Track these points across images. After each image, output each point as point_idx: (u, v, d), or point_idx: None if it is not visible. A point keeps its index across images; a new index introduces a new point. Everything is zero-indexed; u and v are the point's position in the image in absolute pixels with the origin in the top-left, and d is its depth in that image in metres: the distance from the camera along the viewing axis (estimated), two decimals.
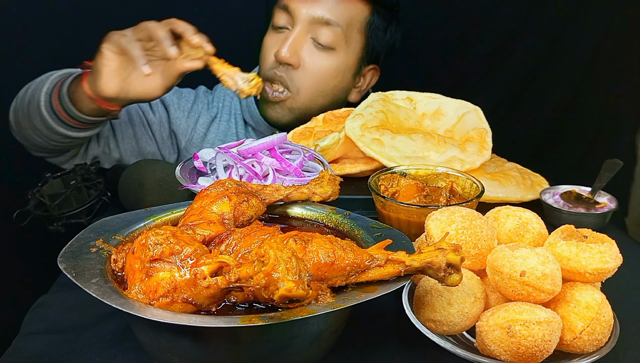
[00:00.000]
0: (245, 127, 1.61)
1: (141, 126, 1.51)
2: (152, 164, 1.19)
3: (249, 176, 1.06)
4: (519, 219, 0.84)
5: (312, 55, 1.43)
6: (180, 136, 1.56)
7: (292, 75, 1.44)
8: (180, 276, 0.63)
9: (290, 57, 1.41)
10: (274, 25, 1.47)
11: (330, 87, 1.48)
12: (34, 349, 0.80)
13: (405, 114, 1.36)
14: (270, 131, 1.54)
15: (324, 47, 1.43)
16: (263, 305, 0.65)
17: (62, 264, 0.69)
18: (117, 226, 0.80)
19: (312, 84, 1.45)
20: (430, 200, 1.06)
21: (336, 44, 1.44)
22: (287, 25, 1.45)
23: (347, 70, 1.50)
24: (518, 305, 0.72)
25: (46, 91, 1.27)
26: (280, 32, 1.46)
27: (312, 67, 1.44)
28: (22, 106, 1.32)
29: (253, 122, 1.57)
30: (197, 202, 0.81)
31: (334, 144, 1.26)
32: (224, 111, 1.60)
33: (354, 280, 0.68)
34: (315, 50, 1.43)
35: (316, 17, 1.41)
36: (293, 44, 1.41)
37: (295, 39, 1.42)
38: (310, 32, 1.43)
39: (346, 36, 1.45)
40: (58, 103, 1.24)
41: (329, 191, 0.94)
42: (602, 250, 0.75)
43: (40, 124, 1.28)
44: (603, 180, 1.22)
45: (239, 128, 1.60)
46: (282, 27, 1.46)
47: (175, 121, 1.55)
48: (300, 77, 1.44)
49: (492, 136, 1.30)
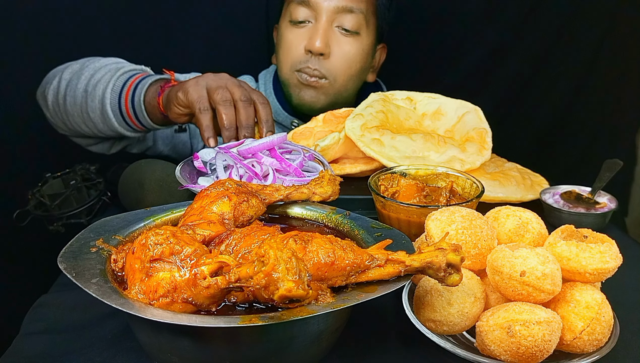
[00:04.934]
0: None
1: None
2: (152, 164, 1.19)
3: (249, 176, 1.06)
4: (519, 219, 0.84)
5: (341, 43, 1.49)
6: None
7: (325, 65, 1.49)
8: (180, 276, 0.63)
9: (325, 48, 1.46)
10: (293, 21, 1.50)
11: (359, 70, 1.55)
12: (34, 349, 0.80)
13: (405, 114, 1.37)
14: (289, 120, 1.59)
15: (350, 33, 1.49)
16: (263, 305, 0.65)
17: (62, 264, 0.68)
18: (117, 226, 0.80)
19: (345, 69, 1.51)
20: (430, 200, 1.06)
21: (360, 28, 1.51)
22: (309, 19, 1.49)
23: (369, 51, 1.57)
24: (518, 305, 0.72)
25: (114, 89, 1.25)
26: (302, 27, 1.50)
27: (343, 54, 1.50)
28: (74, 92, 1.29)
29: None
30: (197, 202, 0.81)
31: (334, 144, 1.26)
32: None
33: (354, 280, 0.68)
34: (342, 37, 1.49)
35: (340, 6, 1.47)
36: (324, 34, 1.46)
37: (324, 30, 1.47)
38: (335, 22, 1.48)
39: (366, 19, 1.52)
40: (129, 108, 1.24)
41: (329, 191, 0.94)
42: (602, 250, 0.75)
43: (98, 118, 1.25)
44: (603, 180, 1.22)
45: None
46: (302, 22, 1.50)
47: None
48: (334, 65, 1.50)
49: (492, 136, 1.30)
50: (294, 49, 1.50)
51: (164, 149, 1.53)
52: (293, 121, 1.58)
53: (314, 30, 1.47)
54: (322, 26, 1.46)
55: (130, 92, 1.24)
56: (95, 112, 1.25)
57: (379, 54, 1.65)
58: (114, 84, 1.25)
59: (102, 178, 1.33)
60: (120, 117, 1.24)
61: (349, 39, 1.49)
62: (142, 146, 1.48)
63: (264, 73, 1.67)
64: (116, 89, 1.24)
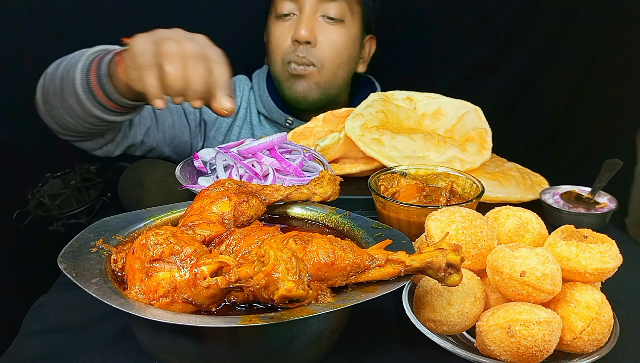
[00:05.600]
0: (258, 116, 1.66)
1: (179, 116, 1.54)
2: (152, 164, 1.19)
3: (249, 176, 1.06)
4: (519, 219, 0.84)
5: (326, 31, 1.52)
6: (210, 124, 1.62)
7: (313, 53, 1.51)
8: (180, 276, 0.63)
9: (310, 36, 1.49)
10: (279, 15, 1.54)
11: (346, 58, 1.57)
12: (33, 349, 0.80)
13: (405, 114, 1.37)
14: (283, 118, 1.61)
15: (335, 21, 1.52)
16: (263, 305, 0.65)
17: (62, 264, 0.68)
18: (117, 226, 0.80)
19: (333, 57, 1.54)
20: (430, 200, 1.06)
21: (344, 16, 1.54)
22: (293, 12, 1.53)
23: (356, 39, 1.59)
24: (518, 305, 0.72)
25: (82, 69, 1.17)
26: (287, 20, 1.53)
27: (329, 42, 1.53)
28: (53, 83, 1.24)
29: (266, 110, 1.63)
30: (197, 202, 0.81)
31: (334, 144, 1.26)
32: (243, 99, 1.67)
33: (354, 280, 0.68)
34: (327, 25, 1.52)
35: None
36: (308, 23, 1.49)
37: (308, 19, 1.50)
38: (319, 11, 1.52)
39: (350, 7, 1.55)
40: (97, 84, 1.15)
41: (329, 191, 0.94)
42: (602, 250, 0.75)
43: (75, 104, 1.19)
44: (603, 180, 1.22)
45: (253, 117, 1.66)
46: (287, 14, 1.53)
47: (207, 111, 1.59)
48: (320, 53, 1.52)
49: (492, 136, 1.30)
50: (281, 42, 1.53)
51: (165, 150, 1.53)
52: (287, 118, 1.60)
53: (299, 20, 1.51)
54: (306, 16, 1.50)
55: (96, 67, 1.16)
56: (71, 97, 1.18)
57: (369, 45, 1.68)
58: (83, 63, 1.18)
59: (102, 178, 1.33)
60: (91, 96, 1.16)
61: (334, 27, 1.52)
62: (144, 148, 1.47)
63: (257, 73, 1.69)
64: (84, 68, 1.17)
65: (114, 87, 1.14)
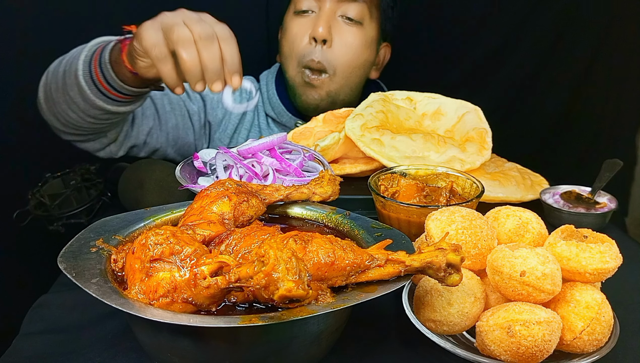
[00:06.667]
0: (266, 119, 1.64)
1: (182, 116, 1.52)
2: (152, 164, 1.19)
3: (249, 176, 1.06)
4: (519, 219, 0.84)
5: (343, 32, 1.51)
6: (215, 126, 1.60)
7: (327, 55, 1.50)
8: (180, 276, 0.63)
9: (327, 34, 1.48)
10: (297, 10, 1.53)
11: (362, 61, 1.56)
12: (34, 349, 0.80)
13: (405, 114, 1.37)
14: (293, 121, 1.59)
15: (354, 22, 1.51)
16: (263, 305, 0.65)
17: (62, 264, 0.69)
18: (117, 226, 0.80)
19: (347, 59, 1.52)
20: (430, 200, 1.06)
21: (363, 18, 1.52)
22: (313, 9, 1.51)
23: (373, 43, 1.58)
24: (518, 305, 0.72)
25: (84, 60, 1.17)
26: (306, 16, 1.52)
27: (345, 43, 1.51)
28: (55, 78, 1.23)
29: (275, 113, 1.61)
30: (197, 202, 0.81)
31: (334, 144, 1.26)
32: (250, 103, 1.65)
33: (354, 280, 0.68)
34: (345, 26, 1.51)
35: None
36: (326, 21, 1.48)
37: (327, 16, 1.49)
38: (338, 10, 1.50)
39: (370, 11, 1.54)
40: (99, 72, 1.15)
41: (329, 191, 0.94)
42: (602, 250, 0.75)
43: (77, 95, 1.18)
44: (603, 180, 1.22)
45: (260, 120, 1.64)
46: (306, 11, 1.52)
47: (212, 112, 1.58)
48: (335, 55, 1.50)
49: (492, 136, 1.30)
50: (298, 39, 1.51)
51: (170, 152, 1.52)
52: (297, 121, 1.58)
53: (317, 18, 1.49)
54: (325, 13, 1.49)
55: (98, 57, 1.16)
56: (74, 89, 1.18)
57: (384, 52, 1.66)
58: (85, 54, 1.18)
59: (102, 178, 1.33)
60: (94, 86, 1.16)
61: (352, 28, 1.51)
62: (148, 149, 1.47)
63: (265, 73, 1.67)
64: (86, 59, 1.18)
65: (116, 75, 1.14)
